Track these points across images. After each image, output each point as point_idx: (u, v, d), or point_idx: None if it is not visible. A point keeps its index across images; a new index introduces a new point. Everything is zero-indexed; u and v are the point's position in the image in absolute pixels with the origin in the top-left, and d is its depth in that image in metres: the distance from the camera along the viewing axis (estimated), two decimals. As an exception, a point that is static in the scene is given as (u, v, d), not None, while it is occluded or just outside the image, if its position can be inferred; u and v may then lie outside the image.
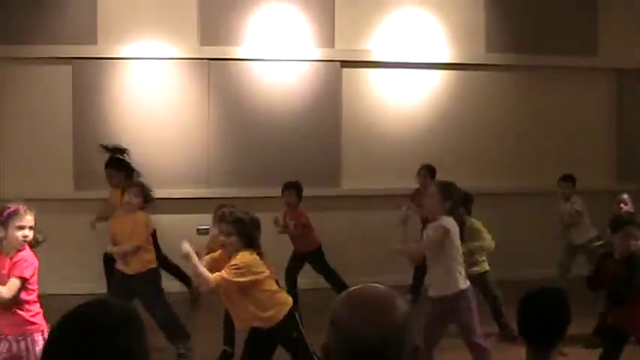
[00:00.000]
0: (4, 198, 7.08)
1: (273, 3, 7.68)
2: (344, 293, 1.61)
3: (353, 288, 1.63)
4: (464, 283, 4.41)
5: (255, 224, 4.29)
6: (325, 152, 7.71)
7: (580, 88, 8.43)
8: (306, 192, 6.80)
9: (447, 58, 8.04)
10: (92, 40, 7.37)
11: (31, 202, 6.62)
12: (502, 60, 8.13)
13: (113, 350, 1.52)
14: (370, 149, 7.88)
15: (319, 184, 7.10)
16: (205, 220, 7.13)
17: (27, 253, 3.85)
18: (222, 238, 4.23)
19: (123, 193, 5.57)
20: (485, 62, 8.12)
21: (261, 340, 4.28)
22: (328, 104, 7.76)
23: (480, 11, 8.12)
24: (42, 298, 4.15)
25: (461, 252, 4.51)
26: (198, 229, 7.29)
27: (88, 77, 7.39)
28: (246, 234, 4.19)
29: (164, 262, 6.78)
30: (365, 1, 7.86)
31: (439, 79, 8.08)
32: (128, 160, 6.60)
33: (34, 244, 4.00)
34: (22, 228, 3.81)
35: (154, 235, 6.48)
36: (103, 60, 7.40)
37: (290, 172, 7.00)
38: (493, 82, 8.19)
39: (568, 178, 7.00)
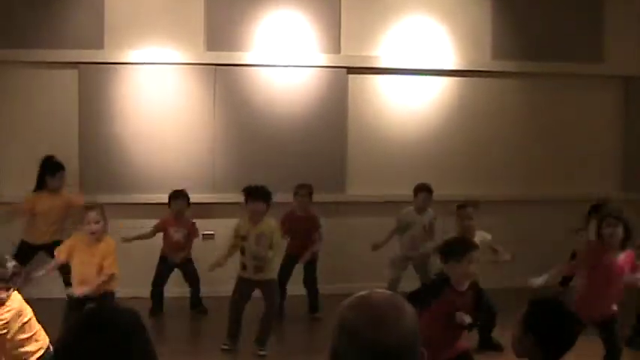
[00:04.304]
0: (8, 202, 7.12)
1: (279, 9, 7.69)
2: (353, 298, 1.60)
3: (361, 293, 1.62)
4: None
5: None
6: (331, 158, 7.71)
7: (586, 95, 8.40)
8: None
9: (453, 65, 8.04)
10: (99, 44, 7.38)
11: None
12: (508, 67, 8.12)
13: (121, 353, 1.53)
14: (376, 155, 7.87)
15: (324, 190, 7.09)
16: (211, 225, 7.14)
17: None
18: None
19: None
20: (491, 69, 8.11)
21: None
22: (334, 110, 7.76)
23: (487, 19, 8.11)
24: (47, 302, 4.18)
25: None
26: (203, 234, 7.31)
27: (94, 82, 7.41)
28: None
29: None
30: (371, 7, 7.87)
31: (445, 85, 8.08)
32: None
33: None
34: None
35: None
36: (109, 65, 7.41)
37: (295, 178, 7.01)
38: (499, 89, 8.18)
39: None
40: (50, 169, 6.71)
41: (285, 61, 7.67)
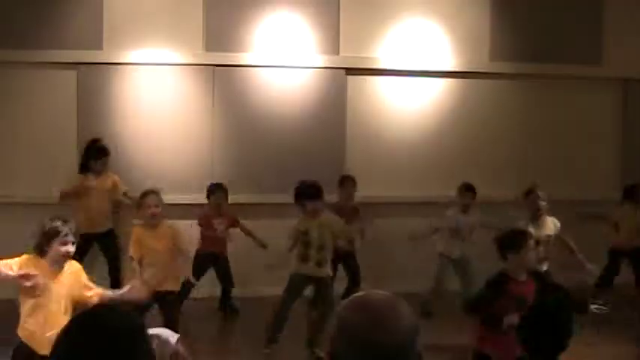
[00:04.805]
0: (8, 202, 7.12)
1: (278, 10, 7.69)
2: (350, 300, 1.60)
3: (358, 294, 1.62)
4: None
5: None
6: (329, 159, 7.70)
7: (585, 97, 8.41)
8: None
9: (452, 67, 8.04)
10: (97, 45, 7.38)
11: (35, 206, 6.68)
12: (506, 68, 8.13)
13: (118, 354, 1.53)
14: (375, 157, 7.87)
15: (323, 191, 7.07)
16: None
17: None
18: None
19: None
20: (489, 71, 8.11)
21: None
22: (333, 111, 7.76)
23: (485, 20, 8.12)
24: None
25: None
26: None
27: (93, 82, 7.40)
28: None
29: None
30: (370, 8, 7.87)
31: (444, 87, 8.08)
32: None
33: None
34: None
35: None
36: (108, 65, 7.40)
37: (294, 179, 6.98)
38: (497, 90, 8.19)
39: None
40: (94, 153, 6.90)
41: (283, 62, 7.67)
